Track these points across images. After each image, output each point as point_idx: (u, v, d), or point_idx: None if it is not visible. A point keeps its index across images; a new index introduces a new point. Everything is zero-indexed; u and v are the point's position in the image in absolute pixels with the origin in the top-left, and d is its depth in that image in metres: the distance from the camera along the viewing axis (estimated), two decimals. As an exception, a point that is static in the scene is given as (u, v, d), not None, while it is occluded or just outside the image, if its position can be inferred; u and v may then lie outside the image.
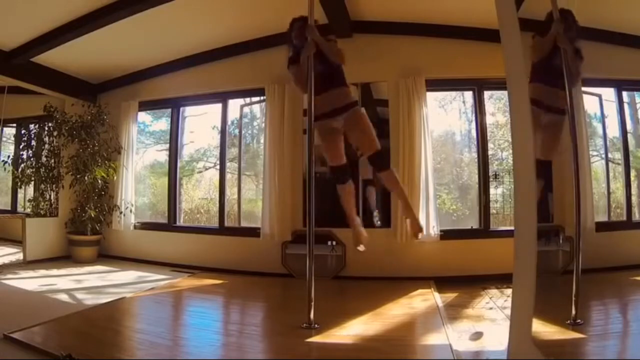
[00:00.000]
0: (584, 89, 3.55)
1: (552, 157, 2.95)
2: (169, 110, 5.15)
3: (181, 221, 5.14)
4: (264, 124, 4.51)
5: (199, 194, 5.45)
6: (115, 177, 5.01)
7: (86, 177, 4.84)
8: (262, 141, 4.66)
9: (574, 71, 2.60)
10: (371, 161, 2.89)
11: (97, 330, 2.55)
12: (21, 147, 5.48)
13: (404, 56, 4.19)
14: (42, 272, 4.29)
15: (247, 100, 4.93)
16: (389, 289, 3.54)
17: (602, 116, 3.99)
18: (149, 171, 5.65)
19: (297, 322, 2.62)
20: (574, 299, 2.46)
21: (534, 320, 1.61)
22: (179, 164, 5.18)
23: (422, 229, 3.14)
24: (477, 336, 2.46)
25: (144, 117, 5.49)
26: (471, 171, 4.45)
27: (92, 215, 4.81)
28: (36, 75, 4.65)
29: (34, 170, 5.21)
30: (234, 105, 4.91)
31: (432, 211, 3.93)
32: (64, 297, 3.37)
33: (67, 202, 5.11)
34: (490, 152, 4.24)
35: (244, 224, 4.68)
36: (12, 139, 5.92)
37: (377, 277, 3.92)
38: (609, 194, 4.12)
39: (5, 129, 5.66)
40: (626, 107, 4.11)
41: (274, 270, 4.22)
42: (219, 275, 4.21)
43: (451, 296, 3.37)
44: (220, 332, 2.77)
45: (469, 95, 4.44)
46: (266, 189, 4.30)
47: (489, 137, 4.23)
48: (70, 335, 2.46)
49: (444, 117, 4.66)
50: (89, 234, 4.89)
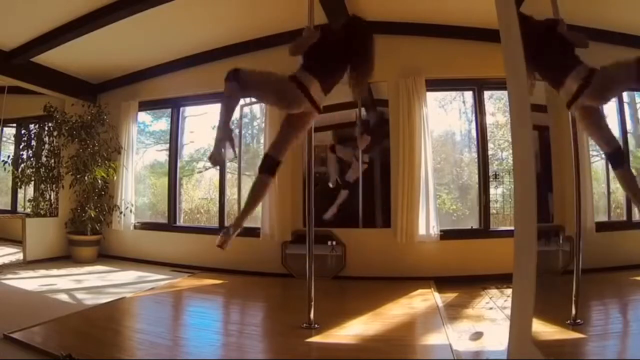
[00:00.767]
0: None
1: None
2: (169, 110, 5.15)
3: (181, 221, 5.14)
4: (264, 124, 4.51)
5: (199, 194, 5.45)
6: (115, 177, 5.01)
7: (86, 177, 4.84)
8: (262, 141, 4.66)
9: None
10: None
11: (97, 330, 2.55)
12: (21, 147, 5.48)
13: (404, 56, 4.19)
14: (42, 272, 4.29)
15: (247, 100, 4.92)
16: (389, 289, 3.54)
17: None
18: (149, 171, 5.65)
19: (297, 322, 2.62)
20: (574, 299, 2.46)
21: (534, 320, 1.60)
22: (179, 164, 5.17)
23: None
24: (477, 336, 2.46)
25: (144, 117, 5.50)
26: (471, 171, 4.45)
27: (92, 215, 4.81)
28: (36, 75, 4.65)
29: (34, 170, 5.21)
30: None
31: (432, 211, 3.93)
32: (64, 297, 3.37)
33: (67, 202, 5.11)
34: (490, 152, 4.24)
35: (244, 224, 4.67)
36: (12, 139, 5.92)
37: (377, 277, 3.92)
38: (609, 194, 4.13)
39: (5, 129, 5.66)
40: (626, 107, 4.11)
41: (274, 270, 4.22)
42: (219, 275, 4.21)
43: (451, 296, 3.37)
44: (220, 332, 2.78)
45: (469, 95, 4.44)
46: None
47: (489, 137, 4.24)
48: (70, 335, 2.46)
49: (444, 117, 4.67)
50: (89, 234, 4.89)
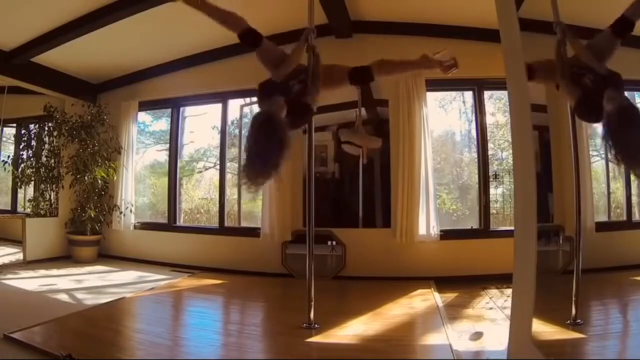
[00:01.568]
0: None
1: None
2: (169, 110, 5.15)
3: (181, 221, 5.13)
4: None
5: (199, 194, 5.45)
6: (115, 177, 5.01)
7: (86, 177, 4.84)
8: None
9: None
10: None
11: (97, 330, 2.55)
12: (21, 147, 5.48)
13: (404, 56, 4.17)
14: (42, 272, 4.29)
15: (247, 100, 4.92)
16: (389, 289, 3.54)
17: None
18: (149, 171, 5.65)
19: (297, 322, 2.62)
20: (574, 299, 2.46)
21: (534, 320, 1.61)
22: (179, 164, 5.17)
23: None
24: (477, 336, 2.46)
25: (144, 117, 5.49)
26: (471, 171, 4.45)
27: (92, 215, 4.81)
28: (36, 75, 4.65)
29: (34, 170, 5.20)
30: (234, 105, 4.91)
31: (432, 211, 3.94)
32: (64, 297, 3.37)
33: (67, 202, 5.11)
34: (490, 152, 4.24)
35: (244, 224, 4.69)
36: (12, 139, 5.91)
37: (377, 277, 3.92)
38: (609, 194, 4.12)
39: (5, 129, 5.65)
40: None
41: (274, 270, 4.22)
42: (219, 275, 4.21)
43: (451, 296, 3.37)
44: (220, 332, 2.77)
45: (469, 95, 4.44)
46: (266, 189, 4.29)
47: (489, 137, 4.24)
48: (70, 335, 2.46)
49: (444, 117, 4.67)
50: (89, 234, 4.89)
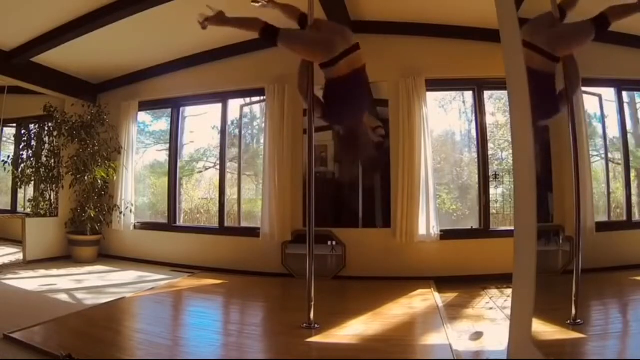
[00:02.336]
0: (583, 89, 3.54)
1: None
2: (169, 110, 5.16)
3: (181, 221, 5.14)
4: (264, 124, 4.51)
5: (199, 194, 5.44)
6: (115, 177, 5.01)
7: (86, 177, 4.84)
8: (262, 141, 4.65)
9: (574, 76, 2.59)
10: None
11: (97, 330, 2.55)
12: (21, 147, 5.47)
13: (404, 56, 4.19)
14: (42, 272, 4.29)
15: (247, 100, 4.93)
16: (389, 289, 3.54)
17: (602, 116, 3.98)
18: (149, 171, 5.65)
19: (297, 322, 2.62)
20: (574, 299, 2.46)
21: (534, 320, 1.61)
22: (179, 164, 5.18)
23: None
24: (477, 336, 2.46)
25: (144, 117, 5.49)
26: (471, 171, 4.45)
27: (92, 215, 4.81)
28: (36, 75, 4.65)
29: (34, 170, 5.20)
30: (234, 105, 4.91)
31: (432, 211, 3.94)
32: (64, 297, 3.37)
33: (67, 202, 5.11)
34: (490, 152, 4.24)
35: (244, 224, 4.68)
36: (12, 139, 5.91)
37: (377, 277, 3.92)
38: (609, 194, 4.12)
39: (5, 129, 5.65)
40: (626, 107, 4.11)
41: (274, 270, 4.22)
42: (219, 275, 4.21)
43: (451, 296, 3.37)
44: (220, 332, 2.77)
45: (469, 95, 4.44)
46: (266, 189, 4.30)
47: (489, 137, 4.24)
48: (70, 335, 2.46)
49: (444, 117, 4.66)
50: (89, 234, 4.89)
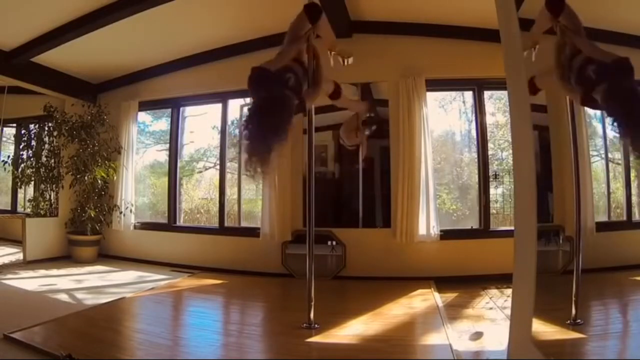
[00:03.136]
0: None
1: None
2: (169, 110, 5.15)
3: (181, 221, 5.13)
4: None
5: (199, 194, 5.44)
6: (115, 177, 5.01)
7: (86, 177, 4.84)
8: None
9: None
10: None
11: (97, 330, 2.55)
12: (21, 147, 5.47)
13: (404, 56, 4.19)
14: (42, 272, 4.29)
15: (247, 100, 4.92)
16: (389, 289, 3.54)
17: (602, 116, 3.98)
18: (149, 171, 5.64)
19: (297, 322, 2.63)
20: (574, 299, 2.46)
21: (534, 320, 1.61)
22: (179, 164, 5.17)
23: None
24: (477, 336, 2.46)
25: (144, 117, 5.49)
26: (471, 171, 4.44)
27: (92, 215, 4.81)
28: (36, 75, 4.65)
29: (34, 170, 5.20)
30: (234, 105, 4.91)
31: (432, 211, 3.94)
32: (64, 297, 3.37)
33: (67, 202, 5.11)
34: (490, 152, 4.24)
35: (244, 224, 4.69)
36: (12, 139, 5.90)
37: (377, 277, 3.92)
38: (609, 194, 4.12)
39: (5, 129, 5.65)
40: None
41: (274, 270, 4.22)
42: (219, 275, 4.21)
43: (451, 296, 3.37)
44: (220, 332, 2.77)
45: (469, 95, 4.43)
46: (266, 189, 4.29)
47: (489, 137, 4.23)
48: (70, 335, 2.46)
49: (444, 117, 4.66)
50: (89, 234, 4.89)
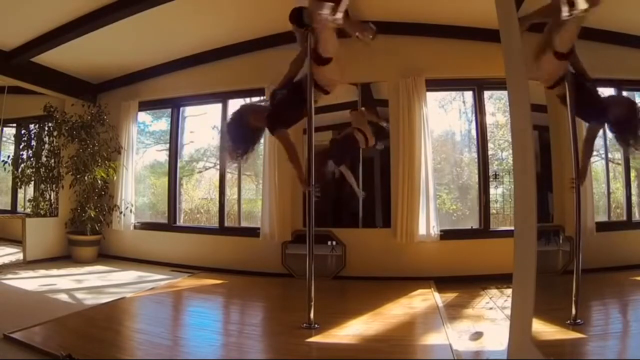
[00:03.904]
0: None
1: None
2: (169, 110, 5.16)
3: (181, 221, 5.14)
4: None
5: (199, 194, 5.45)
6: (115, 177, 5.01)
7: (86, 177, 4.84)
8: (261, 141, 4.63)
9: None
10: None
11: (97, 330, 2.55)
12: (21, 147, 5.48)
13: (404, 56, 4.19)
14: (42, 272, 4.29)
15: (247, 100, 4.93)
16: (389, 289, 3.54)
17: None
18: (149, 171, 5.65)
19: (297, 322, 2.63)
20: (574, 299, 2.46)
21: (534, 320, 1.61)
22: (179, 164, 5.18)
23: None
24: (477, 336, 2.46)
25: (144, 117, 5.50)
26: (471, 171, 4.45)
27: (92, 215, 4.81)
28: (36, 75, 4.65)
29: (34, 170, 5.20)
30: (234, 105, 4.89)
31: (432, 211, 3.94)
32: (64, 297, 3.37)
33: (67, 202, 5.11)
34: (490, 152, 4.24)
35: (244, 224, 4.69)
36: (12, 139, 5.91)
37: (377, 277, 3.92)
38: (609, 194, 4.12)
39: (5, 129, 5.66)
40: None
41: (274, 270, 4.22)
42: (219, 275, 4.21)
43: (451, 296, 3.37)
44: (220, 332, 2.78)
45: (469, 95, 4.44)
46: (266, 189, 4.29)
47: (489, 137, 4.24)
48: (70, 335, 2.46)
49: (444, 117, 4.66)
50: (89, 234, 4.89)
